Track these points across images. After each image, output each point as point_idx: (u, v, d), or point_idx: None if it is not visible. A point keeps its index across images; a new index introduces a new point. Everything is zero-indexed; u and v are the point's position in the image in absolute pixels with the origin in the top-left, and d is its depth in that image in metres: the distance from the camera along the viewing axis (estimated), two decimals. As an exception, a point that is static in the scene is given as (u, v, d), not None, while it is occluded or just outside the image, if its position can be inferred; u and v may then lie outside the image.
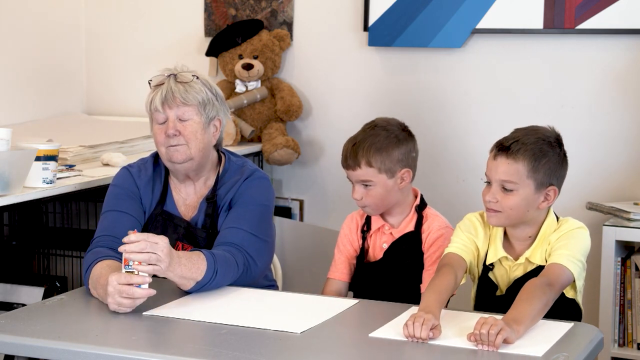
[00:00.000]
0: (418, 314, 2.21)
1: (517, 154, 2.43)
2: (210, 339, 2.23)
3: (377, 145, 2.75)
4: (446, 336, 2.21)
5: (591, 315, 3.42)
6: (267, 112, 4.00)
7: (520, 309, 2.24)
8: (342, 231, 2.92)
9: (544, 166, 2.45)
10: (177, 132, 2.70)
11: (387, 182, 2.77)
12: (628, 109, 3.58)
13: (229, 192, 2.76)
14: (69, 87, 4.32)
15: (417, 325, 2.17)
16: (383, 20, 3.84)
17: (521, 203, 2.44)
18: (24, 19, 4.02)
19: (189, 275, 2.47)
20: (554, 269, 2.40)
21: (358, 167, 2.76)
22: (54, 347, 2.17)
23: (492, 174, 2.47)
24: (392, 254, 2.82)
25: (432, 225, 2.81)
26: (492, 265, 2.54)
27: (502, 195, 2.44)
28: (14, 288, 3.54)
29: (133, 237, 2.37)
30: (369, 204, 2.79)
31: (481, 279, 2.58)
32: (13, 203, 2.83)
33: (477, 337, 2.13)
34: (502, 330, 2.12)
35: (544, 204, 2.48)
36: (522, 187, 2.43)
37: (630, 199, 3.57)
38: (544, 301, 2.29)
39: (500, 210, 2.45)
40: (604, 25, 3.54)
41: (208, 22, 4.17)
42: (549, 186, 2.47)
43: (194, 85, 2.72)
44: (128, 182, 2.80)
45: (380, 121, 2.83)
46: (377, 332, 2.25)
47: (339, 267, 2.90)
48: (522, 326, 2.20)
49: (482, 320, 2.15)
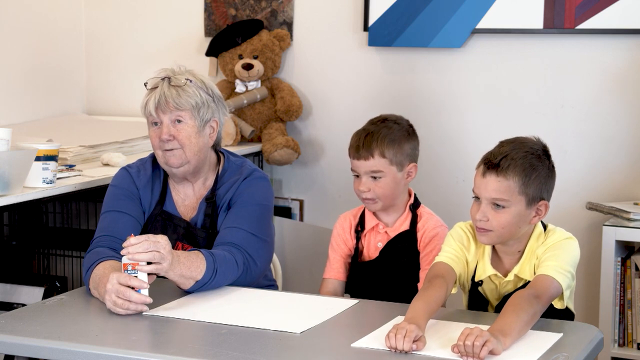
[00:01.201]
0: (401, 325, 2.13)
1: (507, 170, 2.36)
2: (210, 339, 2.23)
3: (390, 137, 2.77)
4: (430, 347, 2.13)
5: (591, 315, 3.42)
6: (267, 112, 4.00)
7: (507, 320, 2.18)
8: (335, 231, 2.92)
9: (535, 181, 2.38)
10: (171, 137, 2.70)
11: (396, 174, 2.78)
12: (628, 109, 3.58)
13: (228, 191, 2.76)
14: (69, 87, 4.32)
15: (399, 337, 2.10)
16: (383, 20, 3.84)
17: (512, 220, 2.38)
18: (24, 19, 4.02)
19: (188, 274, 2.47)
20: (542, 281, 2.34)
21: (371, 157, 2.76)
22: (54, 347, 2.17)
23: (481, 191, 2.40)
24: (388, 253, 2.83)
25: (427, 223, 2.82)
26: (481, 282, 2.50)
27: (493, 214, 2.38)
28: (14, 288, 3.54)
29: (134, 240, 2.38)
30: (377, 196, 2.78)
31: (471, 292, 2.53)
32: (13, 203, 2.83)
33: (461, 349, 2.07)
34: (487, 341, 2.05)
35: (536, 218, 2.42)
36: (513, 203, 2.37)
37: (630, 199, 3.57)
38: (531, 313, 2.23)
39: (491, 229, 2.38)
40: (604, 25, 3.54)
41: (208, 22, 4.17)
42: (540, 201, 2.41)
43: (187, 89, 2.71)
44: (127, 182, 2.80)
45: (390, 116, 2.86)
46: (359, 342, 2.18)
47: (334, 266, 2.90)
48: (508, 338, 2.13)
49: (467, 331, 2.08)
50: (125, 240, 2.40)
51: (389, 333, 2.13)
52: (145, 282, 2.37)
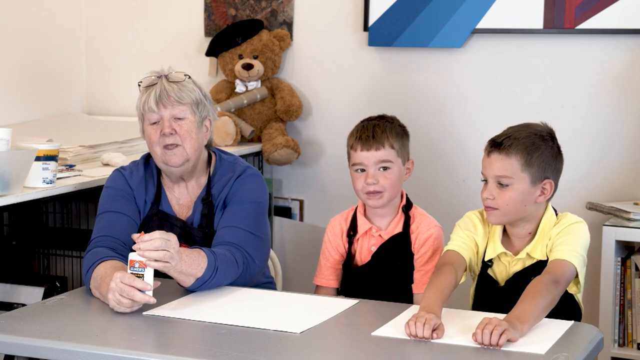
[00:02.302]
0: (420, 314, 2.21)
1: (509, 148, 2.45)
2: (210, 339, 2.23)
3: (396, 130, 2.82)
4: (448, 334, 2.21)
5: (591, 315, 3.41)
6: (267, 112, 4.00)
7: (526, 307, 2.25)
8: (325, 236, 2.92)
9: (538, 159, 2.46)
10: (172, 131, 2.70)
11: (401, 167, 2.82)
12: (628, 109, 3.58)
13: (222, 190, 2.77)
14: (69, 87, 4.32)
15: (419, 325, 2.18)
16: (383, 20, 3.84)
17: (517, 198, 2.45)
18: (24, 19, 4.02)
19: (188, 272, 2.48)
20: (559, 265, 2.40)
21: (382, 146, 2.78)
22: (54, 347, 2.17)
23: (487, 171, 2.49)
24: (381, 256, 2.82)
25: (420, 225, 2.82)
26: (490, 261, 2.55)
27: (498, 192, 2.46)
28: (14, 288, 3.54)
29: (146, 237, 2.37)
30: (385, 188, 2.78)
31: (480, 276, 2.58)
32: (13, 203, 2.83)
33: (479, 338, 2.13)
34: (505, 331, 2.12)
35: (541, 197, 2.49)
36: (517, 181, 2.45)
37: (630, 199, 3.57)
38: (550, 299, 2.30)
39: (497, 207, 2.46)
40: (604, 25, 3.54)
41: (208, 22, 4.17)
42: (545, 179, 2.48)
43: (187, 85, 2.74)
44: (121, 183, 2.81)
45: (384, 114, 2.90)
46: (379, 330, 2.25)
47: (324, 273, 2.90)
48: (526, 325, 2.20)
49: (485, 321, 2.15)
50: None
51: (409, 321, 2.20)
52: (150, 285, 2.37)
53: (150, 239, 2.37)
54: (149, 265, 2.37)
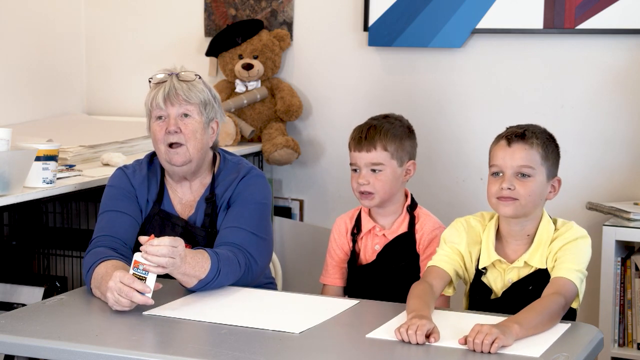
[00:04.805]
0: (412, 321, 2.18)
1: (532, 139, 2.46)
2: (210, 339, 2.23)
3: (393, 132, 2.80)
4: (442, 337, 2.19)
5: (591, 315, 3.42)
6: (267, 112, 4.00)
7: (527, 314, 2.24)
8: (331, 235, 2.92)
9: (552, 155, 2.49)
10: (177, 129, 2.70)
11: (396, 169, 2.80)
12: (628, 109, 3.58)
13: (226, 190, 2.77)
14: (69, 87, 4.32)
15: (411, 333, 2.15)
16: (383, 20, 3.84)
17: (537, 190, 2.45)
18: (24, 19, 4.02)
19: (191, 273, 2.48)
20: (564, 283, 2.38)
21: (373, 149, 2.77)
22: (54, 347, 2.17)
23: (506, 162, 2.45)
24: (386, 256, 2.82)
25: (425, 225, 2.82)
26: (485, 269, 2.52)
27: (519, 182, 2.44)
28: (14, 288, 3.54)
29: (155, 242, 2.37)
30: (376, 190, 2.78)
31: (474, 284, 2.55)
32: (13, 203, 2.83)
33: (470, 346, 2.11)
34: (496, 339, 2.10)
35: (551, 194, 2.50)
36: (537, 173, 2.45)
37: (630, 199, 3.57)
38: (555, 314, 2.29)
39: (518, 197, 2.43)
40: (604, 25, 3.54)
41: (208, 22, 4.17)
42: (554, 177, 2.50)
43: (196, 85, 2.74)
44: (124, 182, 2.81)
45: (391, 114, 2.89)
46: (373, 333, 2.24)
47: (330, 272, 2.90)
48: (523, 328, 2.18)
49: (476, 328, 2.13)
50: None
51: (401, 329, 2.17)
52: (150, 288, 2.37)
53: (159, 245, 2.37)
54: (152, 271, 2.37)
